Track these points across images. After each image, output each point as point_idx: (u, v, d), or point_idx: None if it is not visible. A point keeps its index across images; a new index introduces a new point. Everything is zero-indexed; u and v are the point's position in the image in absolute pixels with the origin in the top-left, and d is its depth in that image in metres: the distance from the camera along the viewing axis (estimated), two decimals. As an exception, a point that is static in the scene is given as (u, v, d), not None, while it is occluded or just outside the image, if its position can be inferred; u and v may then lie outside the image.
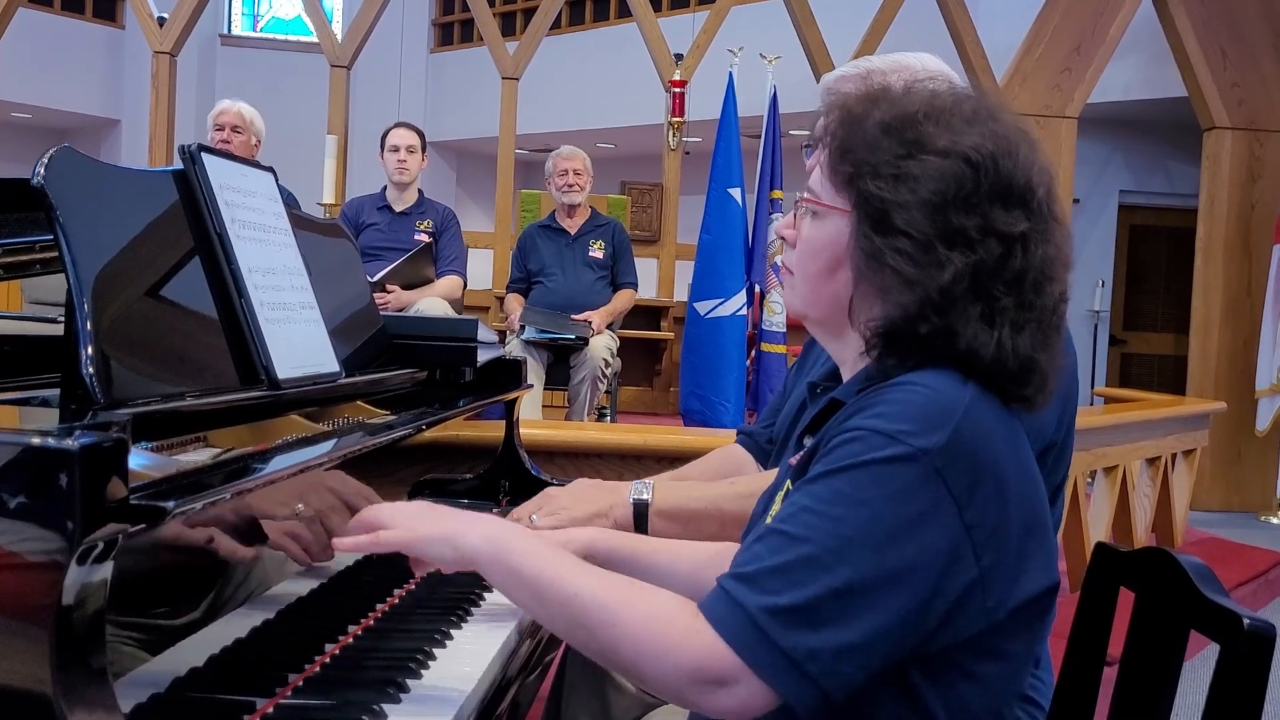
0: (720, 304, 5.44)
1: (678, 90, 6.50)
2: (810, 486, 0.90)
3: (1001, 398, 0.97)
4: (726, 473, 1.70)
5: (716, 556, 1.25)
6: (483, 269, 6.36)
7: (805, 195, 1.04)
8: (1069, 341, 1.39)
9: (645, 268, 5.41)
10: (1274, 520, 6.00)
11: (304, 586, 1.14)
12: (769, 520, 0.99)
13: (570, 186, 4.69)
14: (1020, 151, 0.97)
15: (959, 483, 0.89)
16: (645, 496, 1.49)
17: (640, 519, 1.48)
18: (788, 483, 0.99)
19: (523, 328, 4.43)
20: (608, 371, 4.52)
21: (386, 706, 0.99)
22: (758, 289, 5.64)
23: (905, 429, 0.89)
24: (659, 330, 6.49)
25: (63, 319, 0.99)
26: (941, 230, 0.93)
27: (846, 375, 1.06)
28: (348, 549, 1.01)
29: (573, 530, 1.31)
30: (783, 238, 1.08)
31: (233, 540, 0.99)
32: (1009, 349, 0.94)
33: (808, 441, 1.04)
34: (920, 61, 1.45)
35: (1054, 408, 1.35)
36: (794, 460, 1.02)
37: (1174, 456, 4.42)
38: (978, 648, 0.93)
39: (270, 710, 0.97)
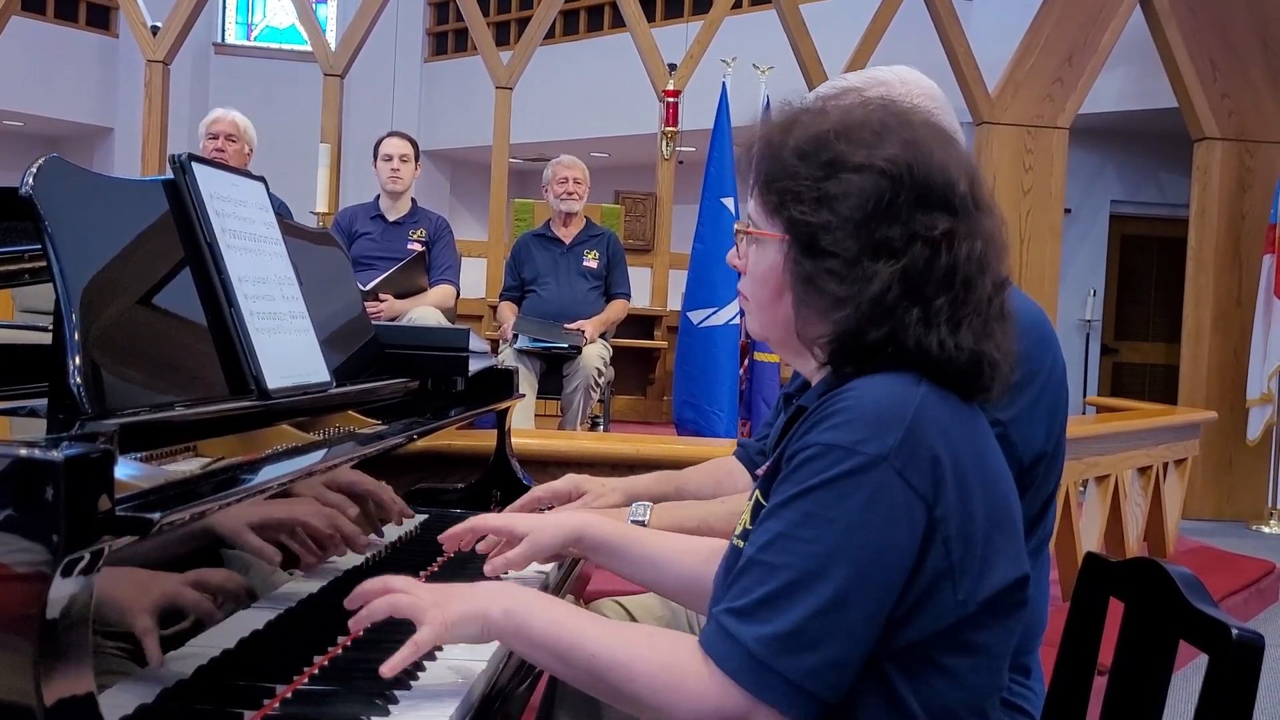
0: (713, 313, 5.44)
1: (671, 100, 6.52)
2: (782, 511, 0.93)
3: (961, 393, 0.99)
4: (719, 479, 1.76)
5: (714, 553, 1.26)
6: (476, 278, 6.35)
7: (747, 225, 1.07)
8: (1057, 352, 1.40)
9: (638, 277, 5.41)
10: (1265, 529, 6.01)
11: (293, 597, 1.14)
12: (736, 536, 1.03)
13: (570, 195, 4.69)
14: (934, 153, 0.99)
15: (922, 480, 0.92)
16: (643, 518, 1.56)
17: None
18: (757, 492, 1.02)
19: (516, 337, 4.43)
20: (601, 381, 4.52)
21: (375, 718, 0.99)
22: (751, 298, 5.63)
23: (860, 438, 0.92)
24: (652, 339, 6.49)
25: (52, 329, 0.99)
26: (866, 244, 0.96)
27: (813, 382, 1.08)
28: (395, 669, 0.99)
29: (563, 514, 1.36)
30: (734, 266, 1.11)
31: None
32: (951, 345, 0.96)
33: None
34: (897, 75, 1.46)
35: (1043, 419, 1.36)
36: (761, 471, 1.05)
37: (1165, 466, 4.42)
38: (950, 642, 0.95)
39: (258, 722, 0.96)
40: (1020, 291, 1.27)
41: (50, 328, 1.39)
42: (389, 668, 1.00)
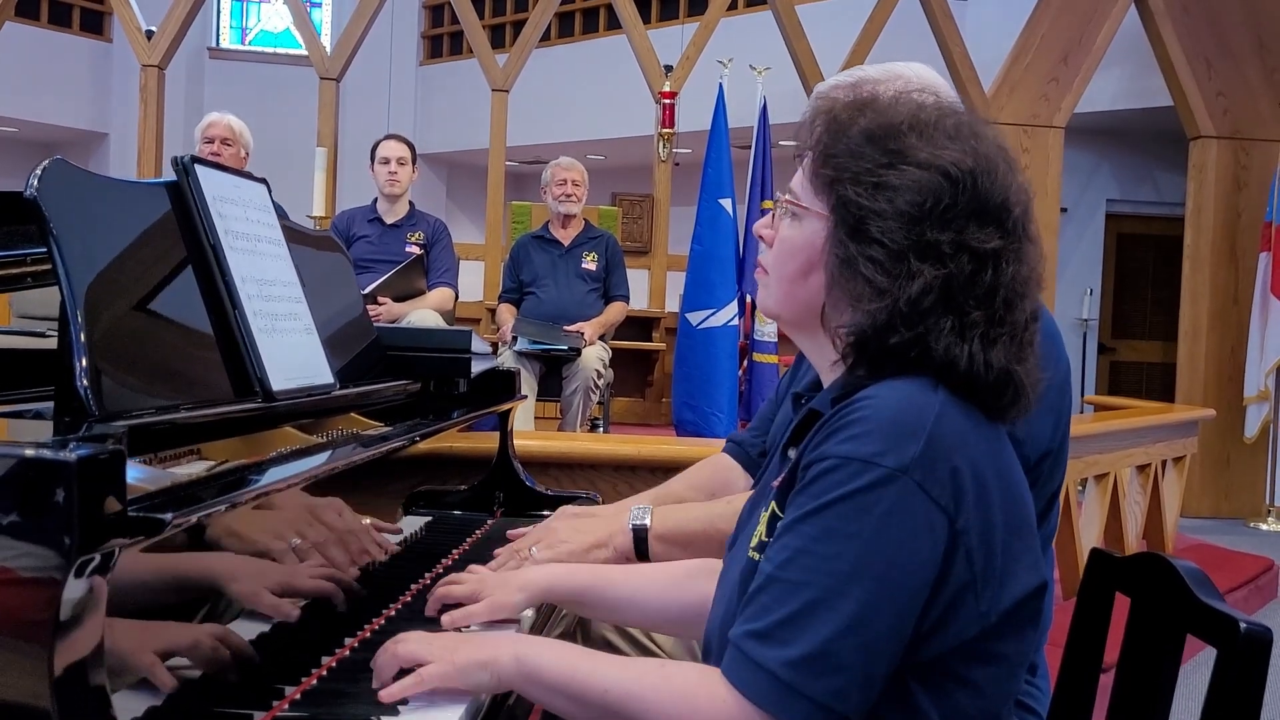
0: (712, 314, 5.44)
1: (667, 102, 6.52)
2: (799, 526, 0.91)
3: (981, 410, 0.97)
4: (714, 486, 1.69)
5: (690, 575, 1.26)
6: (473, 281, 6.35)
7: (786, 196, 1.05)
8: (1061, 350, 1.40)
9: (636, 279, 5.41)
10: (1263, 526, 6.03)
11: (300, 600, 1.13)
12: (751, 549, 1.00)
13: (568, 197, 4.69)
14: (999, 170, 0.98)
15: (942, 492, 0.90)
16: (644, 522, 1.49)
17: (640, 544, 1.48)
18: (773, 504, 1.00)
19: (515, 339, 4.43)
20: (600, 382, 4.52)
21: (384, 719, 0.99)
22: (749, 299, 5.65)
23: (879, 450, 0.89)
24: (651, 341, 6.48)
25: (52, 333, 0.99)
26: (915, 242, 0.94)
27: (825, 381, 1.07)
28: (396, 696, 0.99)
29: (529, 571, 1.31)
30: (761, 237, 1.09)
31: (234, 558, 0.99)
32: (981, 361, 0.95)
33: (791, 454, 1.04)
34: (913, 71, 1.45)
35: (1048, 416, 1.36)
36: (776, 482, 1.02)
37: (1164, 463, 4.43)
38: (971, 653, 0.93)
39: (267, 723, 0.96)
40: None
41: (45, 332, 1.39)
42: (388, 694, 0.99)
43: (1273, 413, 6.01)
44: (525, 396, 2.48)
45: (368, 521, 1.35)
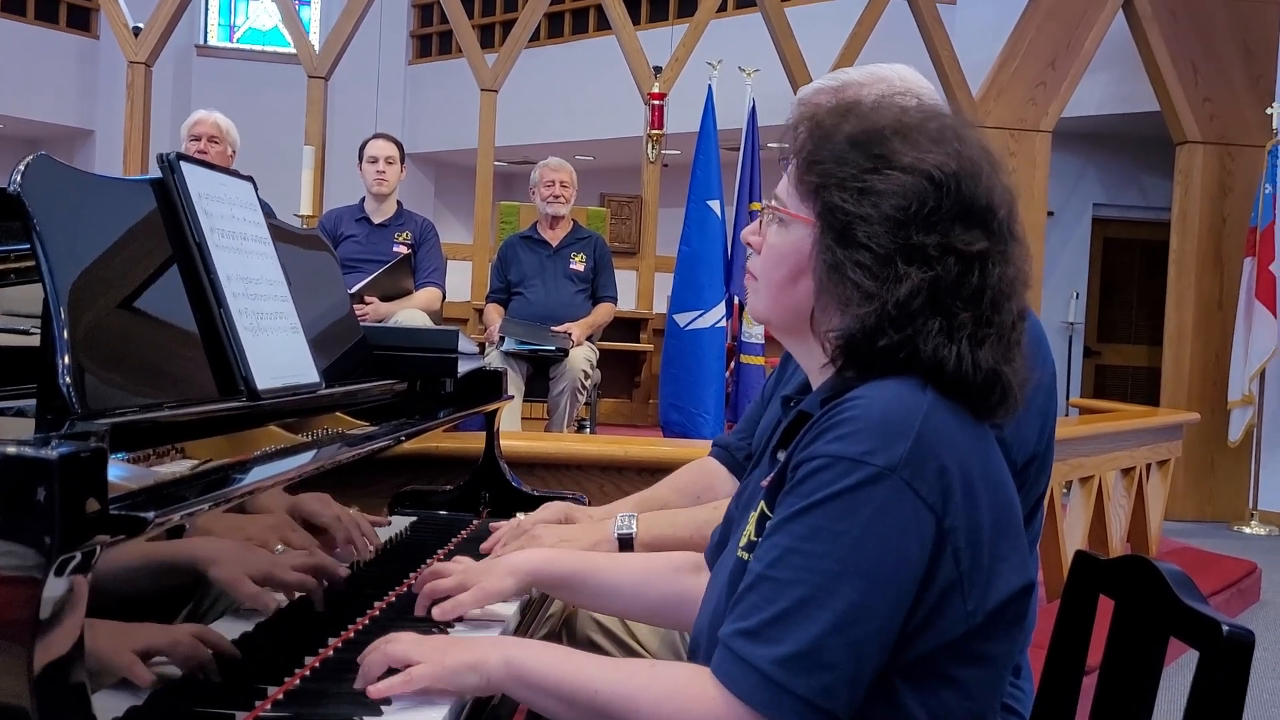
0: (699, 316, 5.45)
1: (656, 103, 6.52)
2: (789, 525, 0.91)
3: (969, 411, 0.98)
4: (698, 491, 1.70)
5: (675, 568, 1.27)
6: (461, 281, 6.33)
7: (772, 203, 1.06)
8: (1048, 354, 1.40)
9: (624, 280, 5.41)
10: (1247, 530, 6.06)
11: (283, 598, 1.13)
12: (740, 549, 1.01)
13: (556, 198, 4.69)
14: (983, 173, 0.99)
15: (931, 490, 0.90)
16: (630, 530, 1.50)
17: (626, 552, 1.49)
18: (761, 504, 1.00)
19: (502, 339, 4.43)
20: (587, 383, 4.52)
21: (368, 718, 0.98)
22: (737, 301, 5.66)
23: (867, 449, 0.90)
24: (638, 342, 6.49)
25: (35, 330, 0.98)
26: (901, 246, 0.95)
27: (814, 383, 1.07)
28: (383, 693, 1.00)
29: (515, 556, 1.32)
30: (749, 243, 1.09)
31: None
32: (969, 361, 0.95)
33: (780, 455, 1.04)
34: (897, 73, 1.45)
35: (1035, 420, 1.36)
36: (765, 482, 1.03)
37: (1148, 467, 4.45)
38: (958, 653, 0.94)
39: (249, 724, 0.96)
40: None
41: (30, 330, 1.38)
42: (376, 691, 0.99)
43: (1256, 417, 6.05)
44: (512, 397, 2.48)
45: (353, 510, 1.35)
